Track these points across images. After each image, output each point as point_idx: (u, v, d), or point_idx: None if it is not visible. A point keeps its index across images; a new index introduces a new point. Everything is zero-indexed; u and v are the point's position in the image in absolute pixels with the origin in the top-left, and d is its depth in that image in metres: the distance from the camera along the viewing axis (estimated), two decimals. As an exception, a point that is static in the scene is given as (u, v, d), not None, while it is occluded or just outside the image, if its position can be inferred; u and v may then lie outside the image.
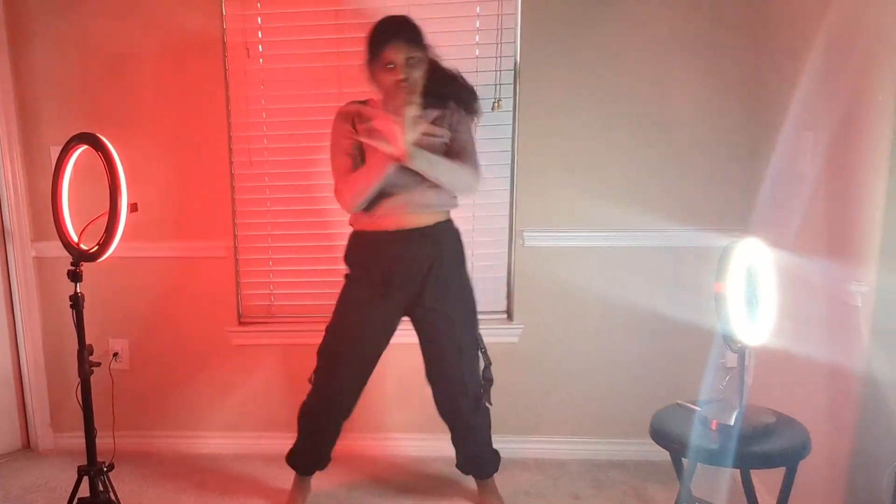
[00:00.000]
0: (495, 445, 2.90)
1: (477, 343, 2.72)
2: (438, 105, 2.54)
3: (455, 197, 2.63)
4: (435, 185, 2.51)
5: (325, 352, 2.66)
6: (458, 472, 2.93)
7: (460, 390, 2.68)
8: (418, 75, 2.44)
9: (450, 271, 2.61)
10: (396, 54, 2.40)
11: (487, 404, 2.76)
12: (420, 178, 2.47)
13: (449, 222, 2.63)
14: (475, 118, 2.66)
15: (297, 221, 3.17)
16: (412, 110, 2.36)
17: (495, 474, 2.89)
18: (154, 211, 3.20)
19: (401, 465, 3.27)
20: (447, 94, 2.58)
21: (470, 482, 2.95)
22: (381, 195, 2.51)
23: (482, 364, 2.75)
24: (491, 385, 2.76)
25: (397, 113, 2.39)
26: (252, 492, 3.10)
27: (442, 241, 2.59)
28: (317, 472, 2.90)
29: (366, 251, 2.60)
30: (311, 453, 2.81)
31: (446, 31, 2.99)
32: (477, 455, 2.85)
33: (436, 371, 2.69)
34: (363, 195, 2.48)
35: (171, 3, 3.11)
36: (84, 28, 3.17)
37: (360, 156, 2.53)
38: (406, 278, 2.56)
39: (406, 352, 2.76)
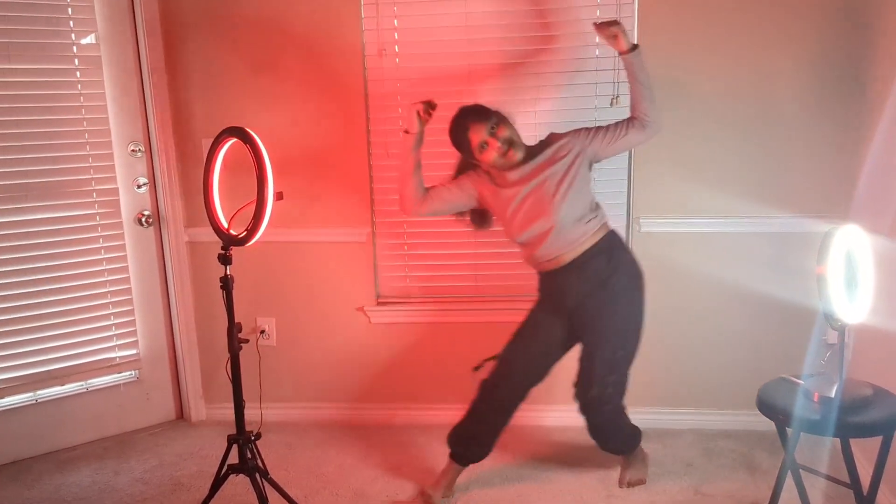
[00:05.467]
0: None
1: (625, 359, 2.71)
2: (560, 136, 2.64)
3: (592, 220, 2.59)
4: (574, 222, 2.55)
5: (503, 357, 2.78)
6: None
7: (596, 385, 2.70)
8: (510, 133, 2.51)
9: (608, 287, 2.61)
10: (480, 131, 2.49)
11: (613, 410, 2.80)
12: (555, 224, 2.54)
13: (596, 245, 2.60)
14: None
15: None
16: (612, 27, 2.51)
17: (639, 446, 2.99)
18: (298, 199, 3.30)
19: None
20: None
21: None
22: (531, 246, 2.62)
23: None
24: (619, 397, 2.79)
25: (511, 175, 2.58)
26: (386, 458, 3.22)
27: (591, 268, 2.60)
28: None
29: (542, 284, 2.74)
30: (473, 440, 2.84)
31: (570, 32, 3.13)
32: (611, 449, 2.96)
33: (583, 374, 2.73)
34: (405, 186, 2.68)
35: (313, 9, 3.22)
36: (233, 33, 3.29)
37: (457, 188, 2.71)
38: (568, 301, 2.66)
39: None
